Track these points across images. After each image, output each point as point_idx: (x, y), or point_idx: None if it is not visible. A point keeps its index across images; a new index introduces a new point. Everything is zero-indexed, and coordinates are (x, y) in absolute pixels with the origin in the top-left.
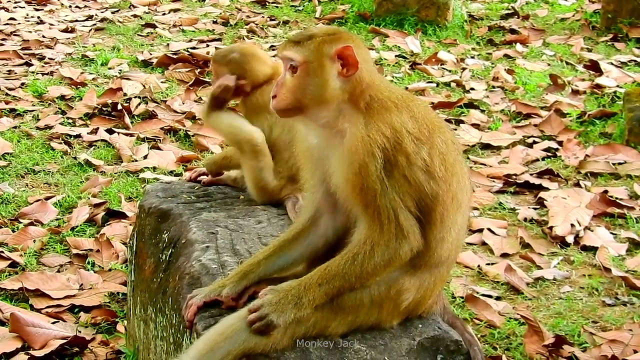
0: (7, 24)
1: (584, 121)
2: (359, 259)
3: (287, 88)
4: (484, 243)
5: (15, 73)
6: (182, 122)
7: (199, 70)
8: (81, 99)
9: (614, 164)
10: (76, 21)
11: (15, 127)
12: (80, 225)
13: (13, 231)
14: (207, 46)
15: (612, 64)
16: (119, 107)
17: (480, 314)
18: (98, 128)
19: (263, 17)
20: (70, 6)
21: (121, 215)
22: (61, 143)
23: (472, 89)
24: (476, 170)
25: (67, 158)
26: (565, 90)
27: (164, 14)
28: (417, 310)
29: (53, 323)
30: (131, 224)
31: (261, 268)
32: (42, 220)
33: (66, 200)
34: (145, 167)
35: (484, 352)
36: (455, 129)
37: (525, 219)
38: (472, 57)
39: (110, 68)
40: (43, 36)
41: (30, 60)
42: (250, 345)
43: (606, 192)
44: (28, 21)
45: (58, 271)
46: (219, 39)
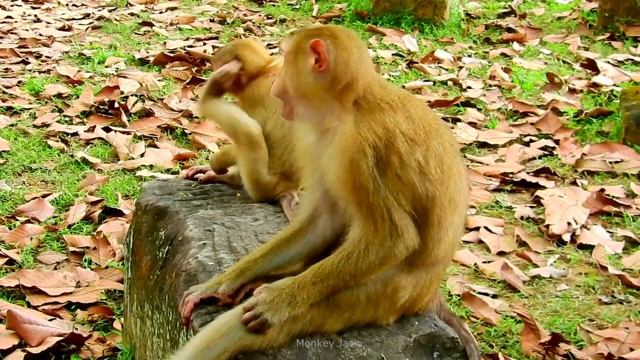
0: (4, 22)
1: (581, 120)
2: (354, 258)
3: (279, 76)
4: (481, 241)
5: (12, 71)
6: (179, 120)
7: (196, 68)
8: (78, 97)
9: (611, 163)
10: (73, 19)
11: (12, 125)
12: (77, 222)
13: (10, 229)
14: (204, 45)
15: (609, 63)
16: (116, 105)
17: (476, 312)
18: (95, 126)
19: (260, 16)
20: (67, 4)
21: (118, 213)
22: (58, 141)
23: (469, 88)
24: (473, 168)
25: (64, 156)
26: (562, 88)
27: (161, 13)
28: (414, 307)
29: (50, 320)
30: (128, 222)
31: (258, 266)
32: (39, 217)
33: (63, 198)
34: (142, 165)
35: (480, 350)
36: (452, 128)
37: (521, 217)
38: (469, 56)
39: (107, 66)
40: (40, 34)
41: (27, 58)
42: (246, 342)
43: (603, 191)
44: (25, 19)
45: (55, 269)
46: (216, 38)
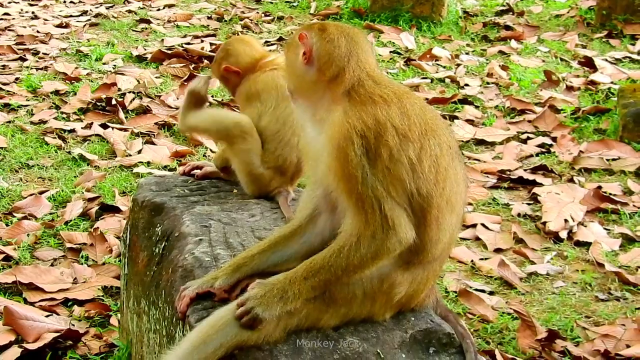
0: (2, 19)
1: (578, 117)
2: (345, 251)
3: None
4: (478, 238)
5: (9, 68)
6: (176, 117)
7: (193, 65)
8: (75, 94)
9: (608, 160)
10: (70, 16)
11: (9, 122)
12: (74, 219)
13: (7, 225)
14: (202, 42)
15: (607, 61)
16: (113, 102)
17: (473, 309)
18: (92, 123)
19: (258, 13)
20: (64, 1)
21: (115, 209)
22: (55, 138)
23: (467, 85)
24: (470, 165)
25: (61, 152)
26: (559, 86)
27: (159, 10)
28: (410, 303)
29: (47, 316)
30: (125, 218)
31: (255, 262)
32: (36, 214)
33: (60, 194)
34: (139, 162)
35: (477, 346)
36: (449, 125)
37: (519, 215)
38: (467, 53)
39: (104, 63)
40: (37, 31)
41: (24, 55)
42: (242, 338)
43: (600, 188)
44: (22, 16)
45: (52, 265)
46: (214, 35)
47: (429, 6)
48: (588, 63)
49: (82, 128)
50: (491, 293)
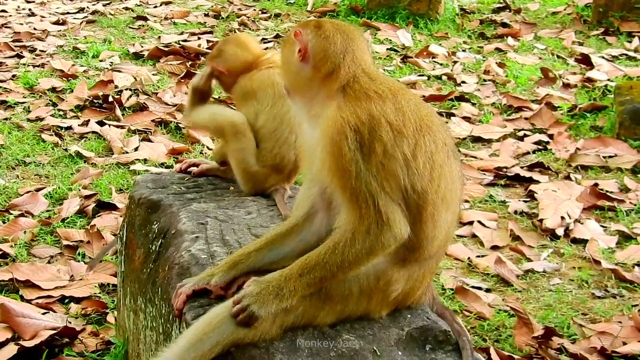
0: None
1: (575, 114)
2: (340, 248)
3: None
4: (474, 235)
5: (6, 65)
6: (173, 115)
7: (190, 62)
8: (72, 91)
9: (605, 157)
10: (67, 13)
11: (6, 119)
12: (70, 216)
13: (3, 222)
14: (199, 39)
15: (603, 58)
16: (110, 99)
17: (470, 306)
18: (89, 120)
19: (255, 10)
20: None
21: (112, 207)
22: (52, 135)
23: (463, 82)
24: (467, 163)
25: (58, 150)
26: (556, 83)
27: (156, 7)
28: (406, 301)
29: (43, 314)
30: (121, 216)
31: (251, 259)
32: (33, 211)
33: (57, 191)
34: (136, 159)
35: (473, 344)
36: (446, 122)
37: (515, 212)
38: (464, 51)
39: (101, 60)
40: (34, 28)
41: (21, 52)
42: (238, 335)
43: (596, 185)
44: (19, 13)
45: (48, 262)
46: (211, 32)
47: (426, 3)
48: (585, 60)
49: (79, 125)
50: (488, 290)
